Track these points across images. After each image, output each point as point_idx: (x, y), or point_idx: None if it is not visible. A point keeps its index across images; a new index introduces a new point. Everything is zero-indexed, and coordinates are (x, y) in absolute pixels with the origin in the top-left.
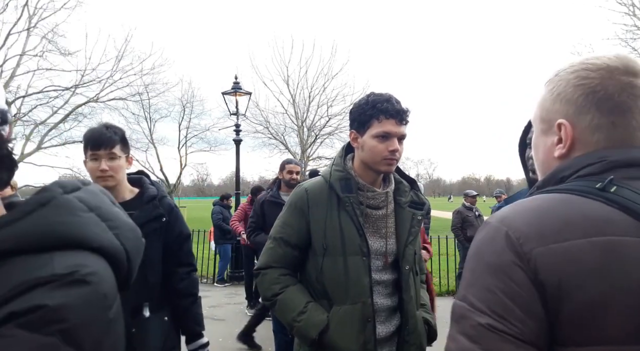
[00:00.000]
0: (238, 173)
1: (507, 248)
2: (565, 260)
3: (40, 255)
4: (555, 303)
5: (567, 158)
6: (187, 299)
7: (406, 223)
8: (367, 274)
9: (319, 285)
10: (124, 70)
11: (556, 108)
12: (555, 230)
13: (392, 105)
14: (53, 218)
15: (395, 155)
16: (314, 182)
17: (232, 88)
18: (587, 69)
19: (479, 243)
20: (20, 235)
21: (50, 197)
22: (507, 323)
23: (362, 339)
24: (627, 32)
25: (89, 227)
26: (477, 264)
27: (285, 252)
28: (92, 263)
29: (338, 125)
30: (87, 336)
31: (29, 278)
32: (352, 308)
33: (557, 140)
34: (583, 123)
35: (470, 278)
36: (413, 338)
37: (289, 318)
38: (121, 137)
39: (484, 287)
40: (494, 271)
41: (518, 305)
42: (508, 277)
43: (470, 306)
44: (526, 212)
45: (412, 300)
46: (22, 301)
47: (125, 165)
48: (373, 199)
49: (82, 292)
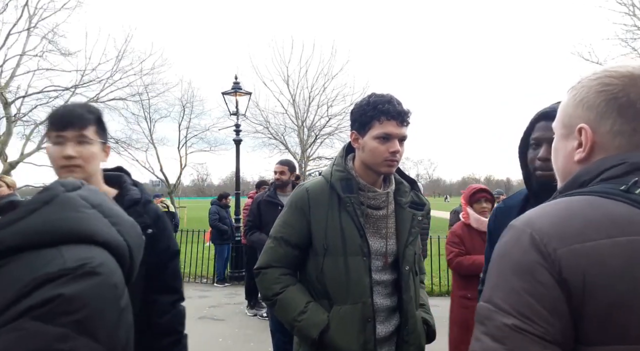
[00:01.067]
0: (238, 174)
1: (531, 249)
2: (589, 260)
3: (49, 250)
4: (579, 302)
5: (586, 163)
6: (168, 338)
7: (406, 224)
8: (368, 274)
9: (320, 284)
10: (124, 70)
11: (578, 113)
12: (579, 230)
13: (393, 107)
14: (58, 214)
15: (396, 157)
16: (314, 182)
17: (232, 89)
18: (610, 76)
19: (503, 245)
20: (26, 231)
21: (53, 195)
22: (532, 324)
23: (362, 339)
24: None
25: (93, 222)
26: (502, 265)
27: (285, 251)
28: (100, 256)
29: (338, 125)
30: (101, 326)
31: (41, 273)
32: (352, 308)
33: (578, 144)
34: (604, 129)
35: (495, 280)
36: (412, 338)
37: (289, 317)
38: (97, 118)
39: (509, 288)
40: (518, 272)
41: (543, 305)
42: (533, 278)
43: (495, 307)
44: (550, 213)
45: (411, 300)
46: (37, 295)
47: (101, 155)
48: (374, 199)
49: (94, 283)
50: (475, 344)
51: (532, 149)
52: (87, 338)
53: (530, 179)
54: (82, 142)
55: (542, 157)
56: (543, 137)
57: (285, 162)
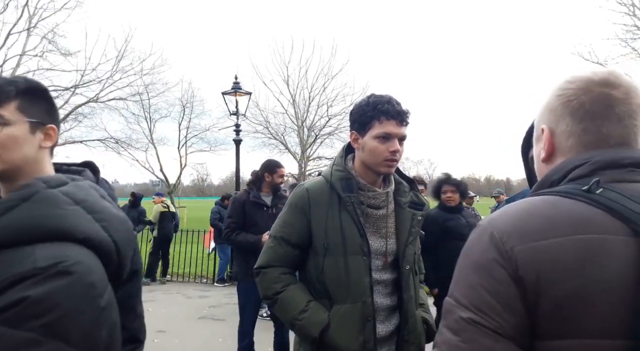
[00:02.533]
0: (238, 174)
1: (490, 247)
2: (544, 257)
3: (24, 249)
4: (534, 298)
5: (549, 162)
6: None
7: (406, 223)
8: (368, 274)
9: (320, 284)
10: (124, 70)
11: (544, 117)
12: (537, 229)
13: (392, 107)
14: (36, 211)
15: (395, 156)
16: (314, 181)
17: (232, 88)
18: (568, 81)
19: (468, 243)
20: (3, 229)
21: (32, 191)
22: (486, 318)
23: (362, 338)
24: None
25: (73, 219)
26: (464, 262)
27: (285, 251)
28: (76, 254)
29: (338, 125)
30: (74, 328)
31: (12, 273)
32: (352, 307)
33: (543, 145)
34: (560, 130)
35: (457, 276)
36: (413, 337)
37: (290, 316)
38: (21, 91)
39: (468, 284)
40: (476, 269)
41: (498, 300)
42: (489, 274)
43: (456, 302)
44: (512, 213)
45: (411, 300)
46: (5, 297)
47: (33, 139)
48: (374, 199)
49: (66, 283)
50: (437, 337)
51: (532, 149)
52: (59, 342)
53: (532, 178)
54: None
55: None
56: None
57: None
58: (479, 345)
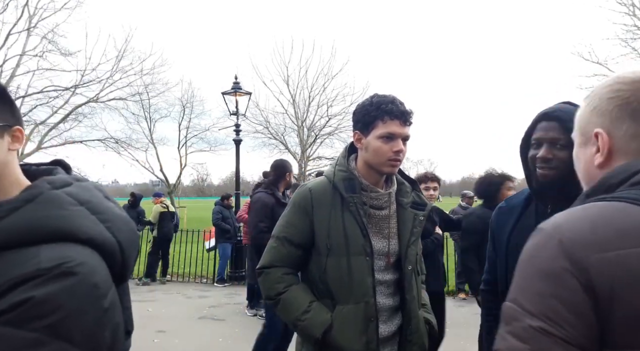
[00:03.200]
0: (238, 173)
1: (560, 255)
2: (618, 268)
3: (28, 250)
4: (606, 309)
5: (606, 166)
6: None
7: (408, 224)
8: (371, 274)
9: (322, 284)
10: (124, 70)
11: (593, 120)
12: (609, 238)
13: (396, 107)
14: (40, 212)
15: (399, 156)
16: (317, 181)
17: (232, 89)
18: (620, 82)
19: (531, 248)
20: (7, 230)
21: (37, 193)
22: (557, 327)
23: (365, 338)
24: (627, 32)
25: (78, 220)
26: (529, 269)
27: (288, 251)
28: (80, 255)
29: (338, 125)
30: (77, 328)
31: (16, 274)
32: (355, 308)
33: (596, 149)
34: (619, 133)
35: (521, 283)
36: (416, 337)
37: (292, 316)
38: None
39: (536, 292)
40: (545, 277)
41: (569, 310)
42: (560, 283)
43: (522, 309)
44: (580, 219)
45: (414, 300)
46: (8, 299)
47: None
48: (376, 200)
49: (70, 284)
50: (500, 342)
51: (533, 149)
52: (63, 342)
53: (531, 178)
54: None
55: (543, 157)
56: (544, 137)
57: None
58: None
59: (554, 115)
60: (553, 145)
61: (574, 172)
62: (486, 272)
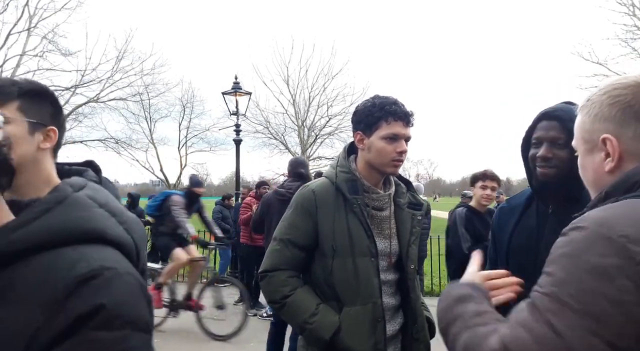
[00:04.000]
0: (238, 174)
1: (611, 251)
2: None
3: (66, 250)
4: None
5: (617, 170)
6: None
7: (407, 224)
8: (376, 275)
9: (328, 286)
10: (125, 71)
11: (596, 127)
12: None
13: (399, 108)
14: (71, 214)
15: (402, 157)
16: (320, 183)
17: (232, 89)
18: (618, 87)
19: (574, 243)
20: (44, 231)
21: (64, 195)
22: (605, 327)
23: (374, 339)
24: (627, 32)
25: (103, 222)
26: (576, 263)
27: (292, 253)
28: (116, 255)
29: (338, 125)
30: (141, 318)
31: (71, 275)
32: (363, 309)
33: (605, 155)
34: (627, 136)
35: (565, 277)
36: (422, 335)
37: (300, 320)
38: (23, 92)
39: (583, 288)
40: (595, 274)
41: (620, 311)
42: (612, 282)
43: (560, 303)
44: (625, 214)
45: (418, 299)
46: (80, 303)
47: (30, 139)
48: (377, 201)
49: (125, 282)
50: (532, 323)
51: (533, 148)
52: (140, 332)
53: (532, 178)
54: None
55: (543, 156)
56: (544, 136)
57: None
58: None
59: (555, 115)
60: (553, 144)
61: (574, 171)
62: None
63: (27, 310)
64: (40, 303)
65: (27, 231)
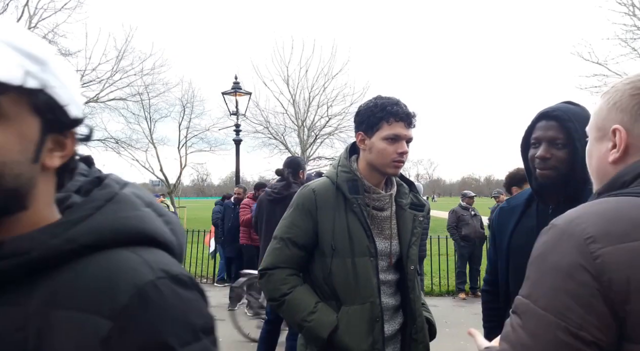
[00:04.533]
0: (238, 174)
1: (573, 249)
2: (634, 259)
3: (123, 252)
4: (622, 301)
5: (621, 163)
6: None
7: (408, 224)
8: (375, 275)
9: (327, 286)
10: (125, 71)
11: (612, 116)
12: (623, 230)
13: (401, 109)
14: (122, 213)
15: (403, 158)
16: (320, 182)
17: (232, 88)
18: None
19: (544, 244)
20: (99, 230)
21: (113, 192)
22: (568, 320)
23: (372, 339)
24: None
25: (152, 222)
26: (542, 264)
27: (292, 252)
28: (164, 257)
29: (338, 125)
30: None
31: (139, 282)
32: (361, 308)
33: (612, 146)
34: (638, 130)
35: (534, 277)
36: (421, 336)
37: (298, 318)
38: None
39: (548, 287)
40: (558, 272)
41: (581, 305)
42: (573, 278)
43: (534, 304)
44: (594, 213)
45: (418, 299)
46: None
47: None
48: (378, 201)
49: (189, 287)
50: (510, 334)
51: (532, 148)
52: (211, 337)
53: (531, 178)
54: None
55: (541, 156)
56: (543, 136)
57: None
58: (558, 347)
59: (553, 115)
60: (552, 144)
61: (574, 171)
62: (487, 272)
63: (87, 317)
64: (101, 309)
65: (83, 229)
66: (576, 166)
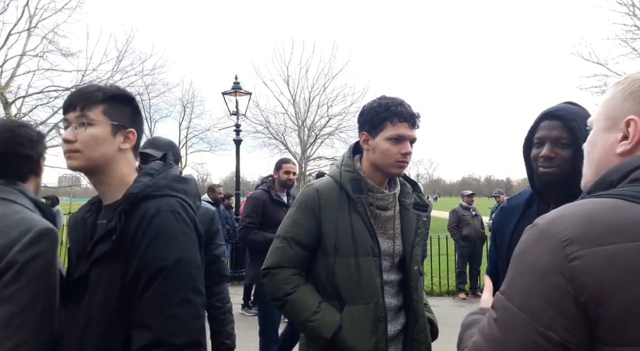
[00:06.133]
0: (238, 174)
1: (549, 250)
2: (609, 263)
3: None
4: (595, 304)
5: (628, 155)
6: None
7: (412, 225)
8: (379, 274)
9: (330, 285)
10: (125, 71)
11: (627, 106)
12: (601, 233)
13: (405, 109)
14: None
15: (406, 158)
16: (324, 182)
17: (232, 89)
18: None
19: (524, 242)
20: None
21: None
22: (538, 320)
23: (375, 339)
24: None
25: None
26: (521, 263)
27: (295, 252)
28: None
29: (338, 125)
30: None
31: None
32: (364, 308)
33: (622, 136)
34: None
35: (512, 275)
36: (423, 336)
37: (301, 317)
38: (107, 97)
39: (522, 285)
40: (532, 272)
41: (551, 305)
42: (546, 279)
43: (509, 301)
44: (574, 215)
45: (421, 300)
46: None
47: (112, 140)
48: (381, 200)
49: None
50: (486, 327)
51: (535, 148)
52: None
53: (533, 178)
54: (83, 124)
55: (545, 155)
56: (547, 135)
57: (295, 162)
58: (527, 345)
59: (557, 114)
60: (556, 143)
61: (576, 171)
62: (487, 272)
63: None
64: None
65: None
66: (579, 165)
